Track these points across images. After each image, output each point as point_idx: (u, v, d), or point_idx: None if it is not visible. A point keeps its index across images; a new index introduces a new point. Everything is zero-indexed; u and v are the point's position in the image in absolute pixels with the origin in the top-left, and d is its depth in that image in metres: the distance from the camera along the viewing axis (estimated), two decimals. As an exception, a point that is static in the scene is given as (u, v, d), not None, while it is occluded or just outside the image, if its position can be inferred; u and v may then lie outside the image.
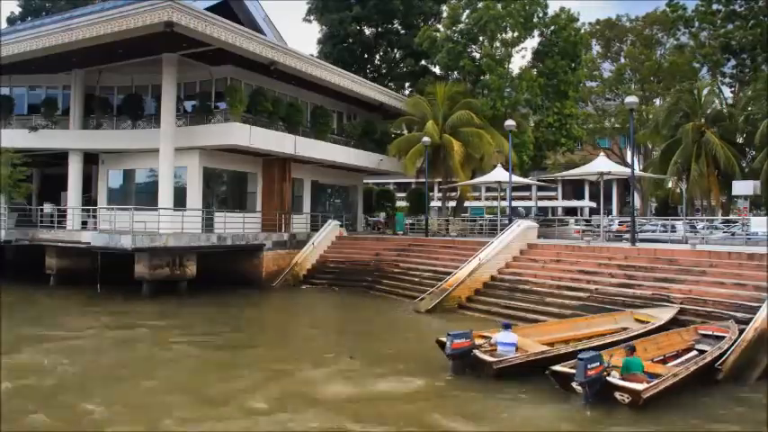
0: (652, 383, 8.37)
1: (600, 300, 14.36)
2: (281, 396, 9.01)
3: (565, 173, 28.28)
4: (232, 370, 10.61)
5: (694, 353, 10.26)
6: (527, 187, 50.82)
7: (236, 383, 9.71)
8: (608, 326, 12.14)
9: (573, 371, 8.39)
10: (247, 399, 8.85)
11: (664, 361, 10.16)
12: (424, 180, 28.22)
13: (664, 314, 12.25)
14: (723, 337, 10.50)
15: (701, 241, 19.45)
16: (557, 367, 8.86)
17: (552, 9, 31.77)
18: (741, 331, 10.51)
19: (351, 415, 8.21)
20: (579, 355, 8.42)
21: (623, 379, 8.51)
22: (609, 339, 10.67)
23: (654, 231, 26.65)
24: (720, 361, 9.73)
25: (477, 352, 9.87)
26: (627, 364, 8.79)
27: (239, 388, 9.44)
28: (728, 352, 9.87)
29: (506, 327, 10.68)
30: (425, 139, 26.10)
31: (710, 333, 10.96)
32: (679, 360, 10.01)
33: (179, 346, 12.85)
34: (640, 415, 8.13)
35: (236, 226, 22.51)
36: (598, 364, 8.32)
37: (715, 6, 36.77)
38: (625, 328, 11.77)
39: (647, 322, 11.90)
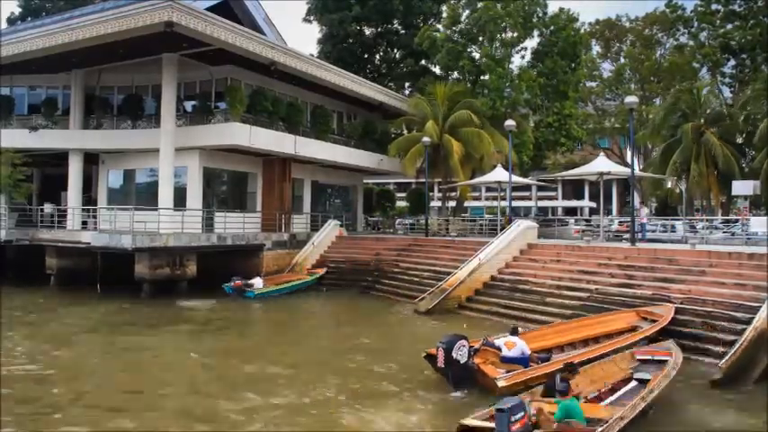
0: None
1: (600, 300, 14.36)
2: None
3: (565, 173, 28.28)
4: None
5: (634, 383, 8.71)
6: (527, 187, 50.80)
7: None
8: (616, 325, 11.97)
9: (491, 425, 6.50)
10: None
11: (599, 398, 8.36)
12: (424, 180, 28.23)
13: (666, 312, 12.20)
14: (665, 361, 9.15)
15: (701, 241, 19.46)
16: (468, 421, 6.80)
17: (552, 9, 31.88)
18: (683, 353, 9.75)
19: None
20: (497, 406, 6.42)
21: (558, 429, 6.70)
22: (619, 342, 10.45)
23: (654, 231, 26.64)
24: (722, 361, 9.75)
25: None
26: (565, 408, 6.86)
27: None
28: (661, 384, 8.24)
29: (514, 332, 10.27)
30: (425, 139, 26.11)
31: (650, 358, 9.60)
32: (618, 394, 8.45)
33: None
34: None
35: (236, 226, 22.52)
36: (522, 414, 6.42)
37: (714, 6, 36.76)
38: (635, 327, 11.62)
39: (654, 320, 11.78)
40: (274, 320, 17.26)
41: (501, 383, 8.60)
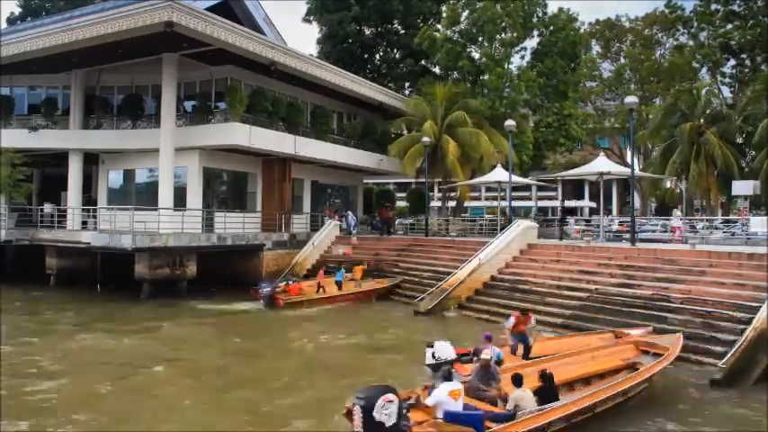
0: None
1: (600, 300, 14.36)
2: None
3: (565, 173, 28.22)
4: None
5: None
6: (527, 187, 50.77)
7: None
8: (612, 362, 9.76)
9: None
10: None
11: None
12: (423, 180, 28.21)
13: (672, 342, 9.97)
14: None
15: (701, 241, 19.46)
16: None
17: (551, 9, 31.87)
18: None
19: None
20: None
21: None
22: (615, 387, 8.04)
23: (654, 231, 26.61)
24: (722, 361, 9.76)
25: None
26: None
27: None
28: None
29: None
30: (425, 139, 26.10)
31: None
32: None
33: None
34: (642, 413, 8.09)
35: (236, 226, 22.51)
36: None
37: (714, 6, 36.74)
38: (635, 364, 9.51)
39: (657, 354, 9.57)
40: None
41: None
